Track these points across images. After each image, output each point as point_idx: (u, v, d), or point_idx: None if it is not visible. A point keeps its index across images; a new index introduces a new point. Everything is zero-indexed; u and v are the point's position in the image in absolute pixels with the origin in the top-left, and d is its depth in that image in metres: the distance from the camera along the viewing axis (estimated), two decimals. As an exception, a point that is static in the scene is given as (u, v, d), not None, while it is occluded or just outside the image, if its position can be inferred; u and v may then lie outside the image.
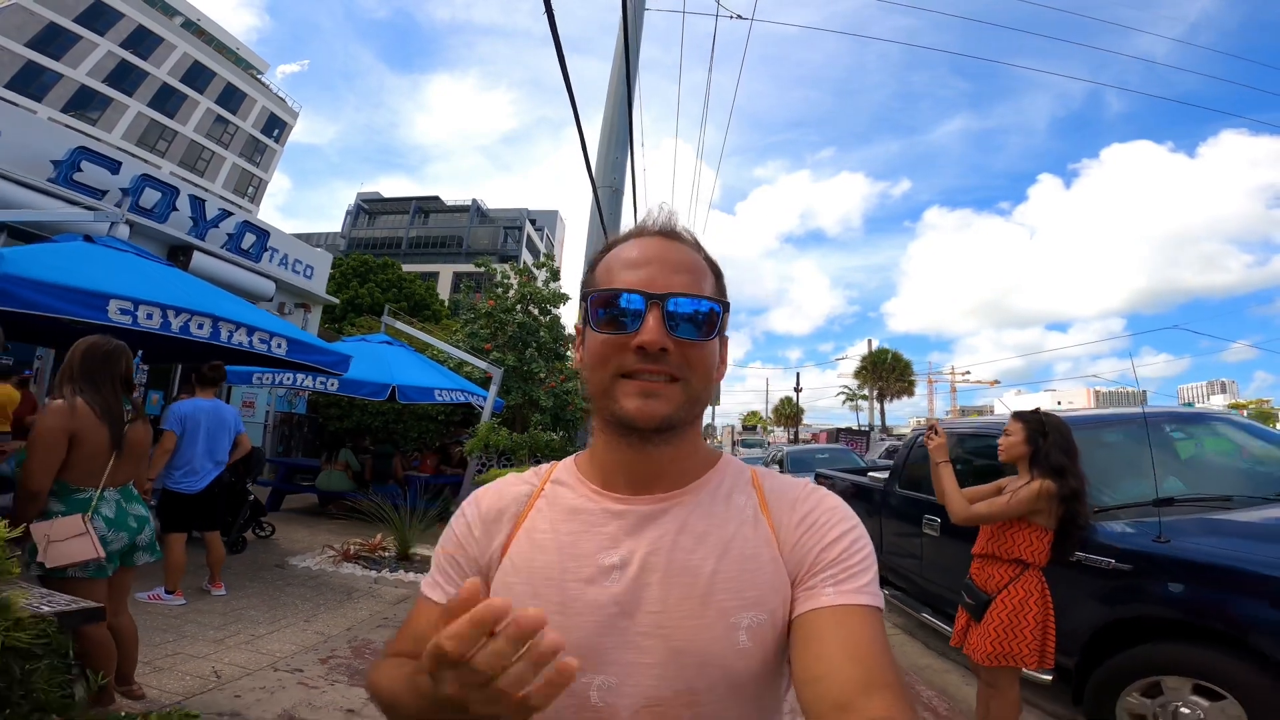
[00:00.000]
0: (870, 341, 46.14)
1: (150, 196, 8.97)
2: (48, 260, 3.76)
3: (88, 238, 4.70)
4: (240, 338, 4.52)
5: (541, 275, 11.83)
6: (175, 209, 9.24)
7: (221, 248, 10.02)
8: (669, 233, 0.73)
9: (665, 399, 0.66)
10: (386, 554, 6.07)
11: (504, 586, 0.71)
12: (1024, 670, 2.50)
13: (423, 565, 5.89)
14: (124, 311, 3.72)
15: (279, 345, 4.87)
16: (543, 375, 10.77)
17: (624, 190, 6.97)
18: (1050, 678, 2.71)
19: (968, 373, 73.04)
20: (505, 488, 0.79)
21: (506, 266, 12.42)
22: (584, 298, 0.72)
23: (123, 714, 1.96)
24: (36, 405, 5.80)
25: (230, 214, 10.25)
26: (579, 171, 3.73)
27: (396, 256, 45.36)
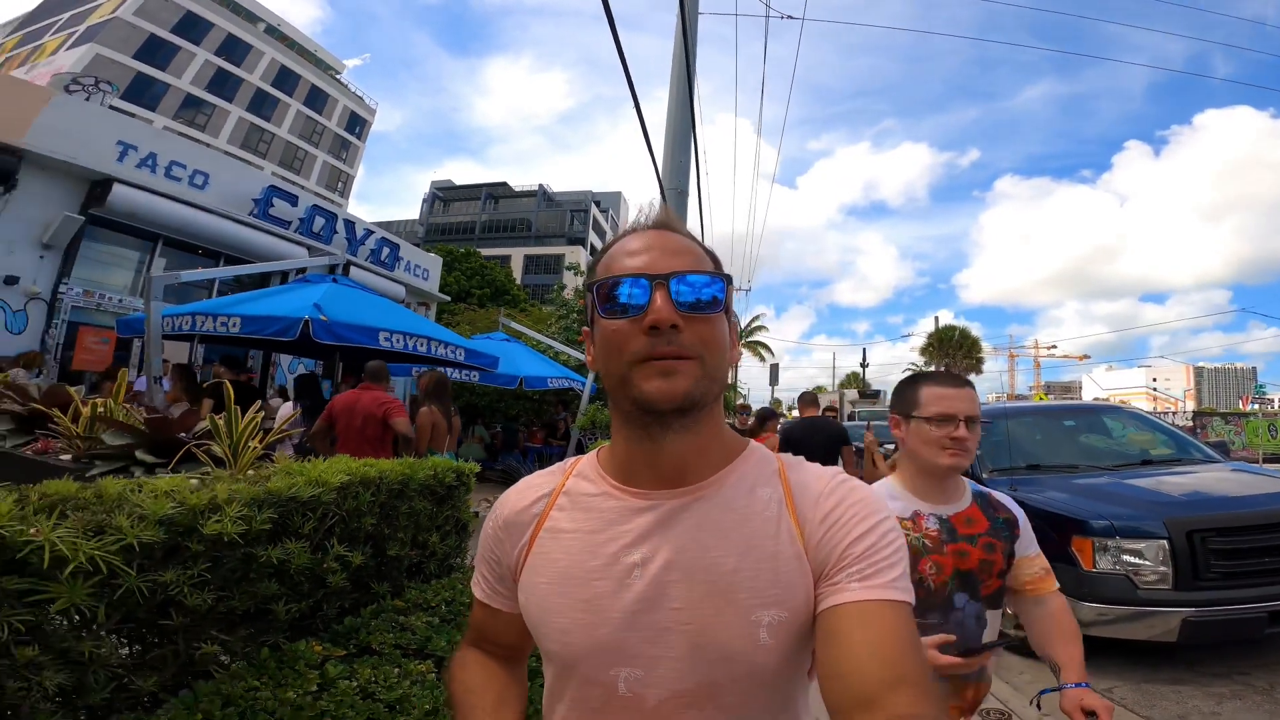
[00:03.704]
0: (936, 318, 45.65)
1: (318, 222, 11.23)
2: (338, 305, 5.76)
3: (335, 278, 6.78)
4: (441, 351, 6.48)
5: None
6: (336, 231, 11.50)
7: (367, 260, 12.27)
8: (662, 224, 0.75)
9: (684, 375, 0.66)
10: (527, 505, 8.09)
11: (531, 585, 0.74)
12: None
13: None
14: (386, 340, 5.70)
15: (460, 353, 6.84)
16: (626, 360, 12.61)
17: (689, 191, 7.63)
18: None
19: (1053, 347, 68.00)
20: (526, 489, 0.80)
21: (581, 263, 14.24)
22: (588, 289, 0.72)
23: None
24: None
25: (372, 232, 12.51)
26: (638, 151, 4.97)
27: (471, 241, 47.76)
